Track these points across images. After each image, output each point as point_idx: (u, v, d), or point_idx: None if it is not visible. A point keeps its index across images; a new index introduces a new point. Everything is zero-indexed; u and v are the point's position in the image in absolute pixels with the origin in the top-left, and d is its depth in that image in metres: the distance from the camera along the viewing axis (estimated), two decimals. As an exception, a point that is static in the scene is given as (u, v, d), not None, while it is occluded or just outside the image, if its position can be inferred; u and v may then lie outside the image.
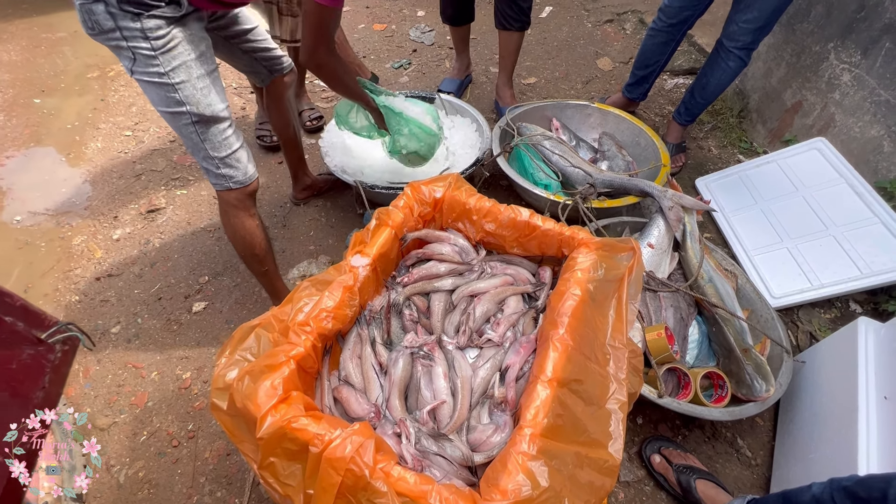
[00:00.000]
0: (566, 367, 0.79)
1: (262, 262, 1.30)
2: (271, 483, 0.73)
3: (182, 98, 1.00)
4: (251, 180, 1.18)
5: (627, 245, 0.97)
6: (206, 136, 1.06)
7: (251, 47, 1.28)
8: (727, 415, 1.13)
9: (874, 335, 1.12)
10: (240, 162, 1.14)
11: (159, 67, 0.96)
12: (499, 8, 1.92)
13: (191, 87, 1.00)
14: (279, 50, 1.37)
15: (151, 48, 0.93)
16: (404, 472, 0.68)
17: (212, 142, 1.07)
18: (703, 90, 1.85)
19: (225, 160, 1.11)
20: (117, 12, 0.89)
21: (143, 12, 0.90)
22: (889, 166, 1.56)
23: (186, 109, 1.01)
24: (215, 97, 1.05)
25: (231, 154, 1.11)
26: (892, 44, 1.53)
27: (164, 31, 0.93)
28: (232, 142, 1.11)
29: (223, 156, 1.10)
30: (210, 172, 1.13)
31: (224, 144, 1.09)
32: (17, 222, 1.84)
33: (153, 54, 0.94)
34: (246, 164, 1.16)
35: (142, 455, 1.23)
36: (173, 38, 0.95)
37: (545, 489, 0.65)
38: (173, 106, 1.01)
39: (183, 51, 0.97)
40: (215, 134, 1.07)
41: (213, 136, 1.07)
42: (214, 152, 1.09)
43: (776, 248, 1.59)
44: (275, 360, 0.78)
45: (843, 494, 0.76)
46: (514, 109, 1.92)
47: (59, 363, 0.68)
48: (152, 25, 0.91)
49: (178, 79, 0.98)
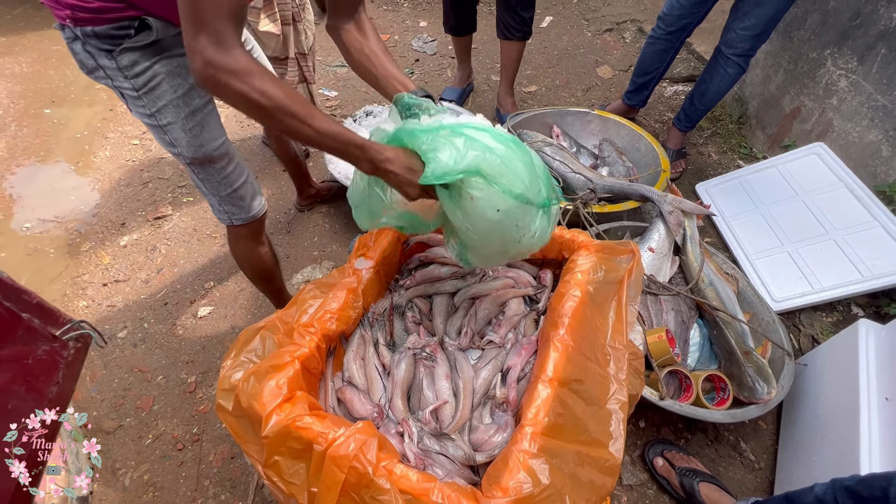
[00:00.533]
0: (567, 367, 0.80)
1: (270, 282, 1.31)
2: (276, 482, 0.73)
3: (172, 140, 0.93)
4: (255, 217, 1.11)
5: (627, 248, 0.99)
6: (203, 176, 1.00)
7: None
8: (729, 417, 1.13)
9: (875, 337, 1.13)
10: (243, 200, 1.06)
11: (146, 108, 0.88)
12: (501, 18, 1.96)
13: (179, 128, 0.91)
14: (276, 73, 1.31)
15: (133, 88, 0.85)
16: (407, 470, 0.69)
17: (210, 181, 1.01)
18: (702, 97, 1.87)
19: (226, 198, 1.04)
20: (94, 50, 0.81)
21: (114, 48, 0.80)
22: (888, 170, 1.57)
23: (178, 151, 0.95)
24: (209, 135, 0.95)
25: (232, 192, 1.04)
26: (888, 50, 1.55)
27: (141, 66, 0.83)
28: (232, 179, 1.03)
29: (224, 194, 1.03)
30: (213, 207, 1.08)
31: (223, 183, 1.02)
32: (27, 229, 1.87)
33: (137, 94, 0.86)
34: (249, 202, 1.08)
35: (147, 458, 1.24)
36: (154, 74, 0.85)
37: (546, 486, 0.66)
38: (167, 146, 0.95)
39: (168, 88, 0.87)
40: (212, 174, 1.00)
41: (210, 175, 1.00)
42: (214, 191, 1.02)
43: (777, 252, 1.59)
44: (280, 361, 0.80)
45: (846, 494, 0.77)
46: (515, 117, 1.95)
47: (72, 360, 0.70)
48: (127, 62, 0.82)
49: (164, 120, 0.90)
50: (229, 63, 0.65)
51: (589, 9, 3.22)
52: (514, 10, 1.90)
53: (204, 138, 0.94)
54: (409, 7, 3.29)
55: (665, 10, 1.83)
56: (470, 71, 2.45)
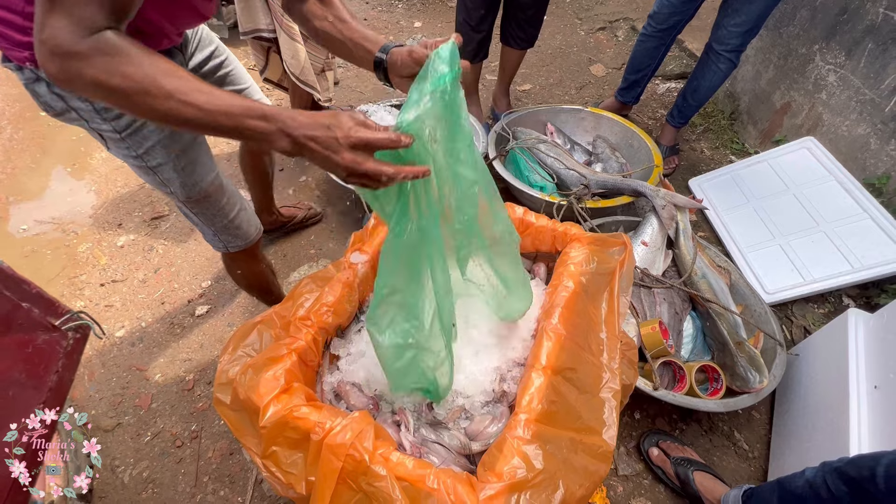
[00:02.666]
0: (560, 356, 0.82)
1: (269, 293, 1.32)
2: (274, 472, 0.74)
3: (163, 180, 0.87)
4: (251, 243, 1.08)
5: (619, 240, 1.00)
6: (198, 211, 0.96)
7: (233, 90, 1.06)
8: (722, 406, 1.15)
9: (864, 326, 1.15)
10: (239, 229, 1.04)
11: (130, 150, 0.81)
12: (508, 28, 1.95)
13: (171, 169, 0.85)
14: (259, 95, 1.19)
15: (115, 130, 0.77)
16: (403, 458, 0.70)
17: (205, 216, 0.97)
18: (694, 93, 1.90)
19: (221, 230, 1.01)
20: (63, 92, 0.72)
21: None
22: (876, 163, 1.60)
23: (171, 191, 0.90)
24: (202, 170, 0.90)
25: (228, 223, 1.01)
26: (875, 44, 1.58)
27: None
28: (227, 211, 0.99)
29: (221, 225, 1.00)
30: (207, 235, 1.05)
31: (219, 216, 0.99)
32: (24, 231, 1.87)
33: (119, 137, 0.78)
34: (245, 230, 1.05)
35: (146, 455, 1.25)
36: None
37: (540, 471, 0.67)
38: (158, 186, 0.89)
39: (153, 129, 0.80)
40: (207, 208, 0.96)
41: (205, 210, 0.96)
42: (209, 224, 0.99)
43: (769, 245, 1.61)
44: (277, 353, 0.81)
45: (835, 475, 0.78)
46: (509, 115, 1.97)
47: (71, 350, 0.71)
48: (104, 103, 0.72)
49: (154, 162, 0.83)
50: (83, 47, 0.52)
51: (582, 8, 3.25)
52: (523, 26, 1.91)
53: (198, 175, 0.89)
54: (403, 8, 3.31)
55: (656, 9, 1.85)
56: (480, 108, 2.26)
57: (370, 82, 2.66)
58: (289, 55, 1.73)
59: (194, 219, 0.99)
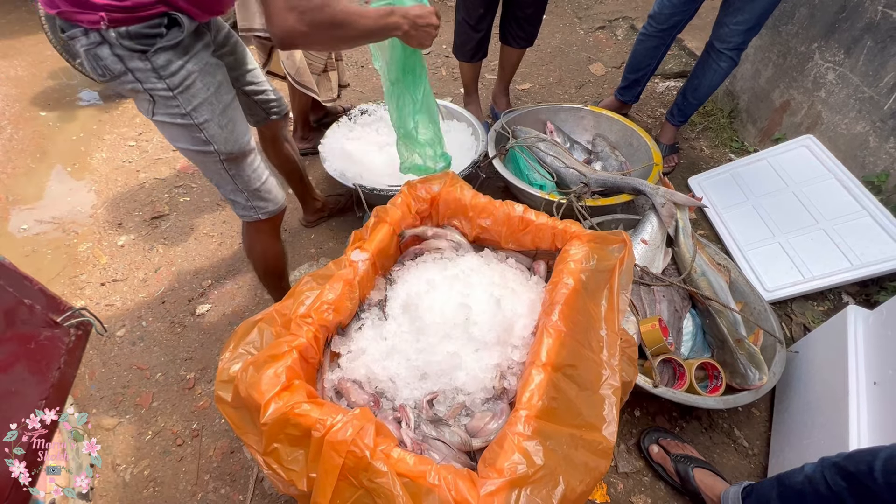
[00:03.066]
0: (560, 353, 0.82)
1: (280, 277, 1.34)
2: (275, 468, 0.75)
3: (208, 137, 0.95)
4: (281, 208, 1.15)
5: (618, 237, 1.00)
6: (235, 172, 1.03)
7: (252, 89, 1.23)
8: (722, 403, 1.15)
9: (863, 323, 1.15)
10: (270, 192, 1.11)
11: (180, 108, 0.90)
12: (507, 27, 1.96)
13: (215, 125, 0.94)
14: (275, 93, 1.32)
15: (168, 88, 0.87)
16: (404, 454, 0.70)
17: (241, 177, 1.04)
18: (695, 91, 1.91)
19: (255, 192, 1.08)
20: (124, 53, 0.82)
21: (148, 48, 0.82)
22: (875, 160, 1.60)
23: (214, 149, 0.97)
24: (240, 129, 1.00)
25: (261, 185, 1.08)
26: (874, 42, 1.58)
27: (176, 65, 0.86)
28: (260, 173, 1.08)
29: (254, 188, 1.07)
30: (238, 204, 1.09)
31: (254, 177, 1.06)
32: (24, 231, 1.88)
33: (171, 94, 0.88)
34: (276, 194, 1.13)
35: (147, 454, 1.25)
36: (189, 74, 0.88)
37: (540, 467, 0.67)
38: (199, 145, 0.96)
39: (202, 87, 0.91)
40: (244, 168, 1.04)
41: (242, 170, 1.04)
42: (244, 186, 1.06)
43: (768, 243, 1.62)
44: (278, 351, 0.81)
45: (833, 470, 0.79)
46: (509, 114, 1.97)
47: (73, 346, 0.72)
48: (162, 62, 0.85)
49: (201, 118, 0.92)
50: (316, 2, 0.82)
51: (581, 7, 3.25)
52: (522, 24, 1.91)
53: (238, 133, 0.99)
54: (402, 7, 3.30)
55: (656, 9, 1.85)
56: (479, 106, 2.25)
57: (370, 82, 2.67)
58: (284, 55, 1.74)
59: (229, 184, 1.05)
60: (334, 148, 1.84)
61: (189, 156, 1.01)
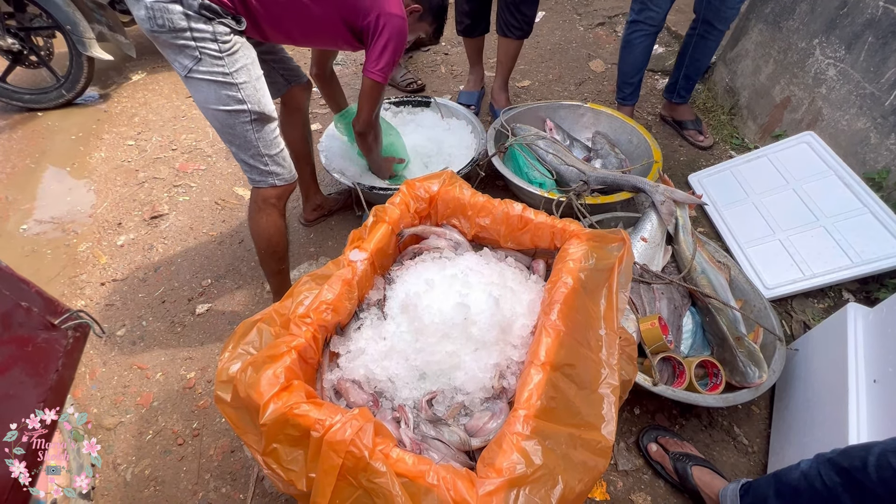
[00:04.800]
0: (559, 352, 0.82)
1: (280, 260, 1.36)
2: (275, 469, 0.75)
3: (244, 97, 1.08)
4: (294, 178, 1.26)
5: (618, 236, 1.00)
6: (260, 134, 1.14)
7: (272, 58, 1.36)
8: (721, 401, 1.15)
9: (863, 320, 1.15)
10: (286, 160, 1.22)
11: (224, 68, 1.05)
12: (502, 16, 1.96)
13: (251, 87, 1.09)
14: (293, 62, 1.45)
15: (219, 50, 1.03)
16: (403, 454, 0.70)
17: (265, 139, 1.15)
18: (697, 69, 2.03)
19: (274, 157, 1.19)
20: (193, 14, 0.99)
21: (214, 17, 1.01)
22: (876, 157, 1.59)
23: (247, 108, 1.10)
24: (267, 98, 1.14)
25: (280, 152, 1.20)
26: (875, 38, 1.57)
27: (229, 36, 1.05)
28: (279, 141, 1.19)
29: (274, 153, 1.18)
30: (255, 170, 1.19)
31: (275, 142, 1.18)
32: (24, 231, 1.88)
33: (220, 55, 1.04)
34: (290, 164, 1.24)
35: (148, 453, 1.25)
36: (236, 43, 1.06)
37: (539, 467, 0.68)
38: (233, 104, 1.08)
39: (244, 55, 1.08)
40: (268, 132, 1.16)
41: (266, 133, 1.15)
42: (266, 149, 1.16)
43: (768, 241, 1.61)
44: (277, 351, 0.81)
45: (828, 466, 0.79)
46: (508, 111, 1.96)
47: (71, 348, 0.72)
48: (222, 30, 1.03)
49: (241, 79, 1.07)
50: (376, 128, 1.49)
51: (581, 3, 3.23)
52: (517, 8, 1.91)
53: (267, 99, 1.14)
54: (401, 4, 3.29)
55: (654, 9, 1.83)
56: (482, 74, 2.41)
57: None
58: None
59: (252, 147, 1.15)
60: (333, 147, 1.84)
61: (220, 117, 1.11)
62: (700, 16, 1.89)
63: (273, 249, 1.32)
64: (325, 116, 2.42)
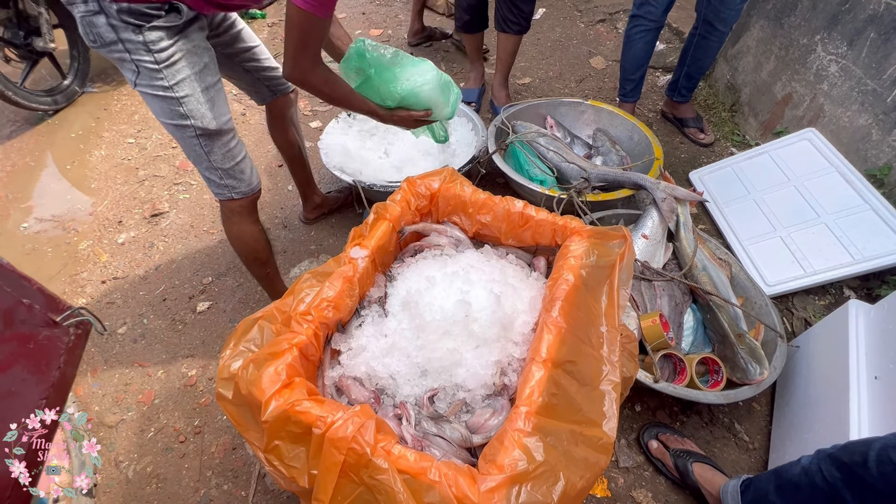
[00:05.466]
0: (560, 349, 0.82)
1: (264, 265, 1.34)
2: (276, 466, 0.75)
3: (186, 112, 1.00)
4: (254, 190, 1.19)
5: (619, 233, 1.00)
6: (210, 149, 1.07)
7: (253, 66, 1.28)
8: (722, 398, 1.15)
9: (864, 317, 1.15)
10: (243, 173, 1.15)
11: (163, 81, 0.95)
12: (500, 11, 1.97)
13: (195, 100, 1.00)
14: (278, 71, 1.34)
15: (155, 61, 0.93)
16: (405, 451, 0.70)
17: (216, 154, 1.08)
18: (699, 69, 2.02)
19: (228, 171, 1.12)
20: (119, 24, 0.87)
21: (144, 24, 0.88)
22: (878, 154, 1.59)
23: (191, 123, 1.01)
24: (219, 110, 1.05)
25: (234, 165, 1.12)
26: (877, 34, 1.56)
27: (166, 43, 0.92)
28: (235, 153, 1.12)
29: (227, 167, 1.11)
30: (212, 182, 1.13)
31: (228, 156, 1.10)
32: (24, 229, 1.88)
33: (157, 68, 0.93)
34: (249, 175, 1.16)
35: (149, 451, 1.26)
36: (176, 51, 0.94)
37: (540, 463, 0.68)
38: (177, 119, 1.01)
39: (186, 64, 0.97)
40: (219, 146, 1.08)
41: (217, 148, 1.07)
42: (219, 164, 1.09)
43: (769, 237, 1.61)
44: (278, 348, 0.81)
45: (828, 462, 0.79)
46: (509, 108, 1.96)
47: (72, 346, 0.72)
48: (154, 38, 0.91)
49: (182, 93, 0.97)
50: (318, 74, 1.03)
51: (581, 0, 3.22)
52: (514, 3, 1.91)
53: (216, 111, 1.04)
54: (402, 2, 3.28)
55: (653, 3, 1.83)
56: (482, 71, 2.41)
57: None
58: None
59: (205, 161, 1.08)
60: (333, 143, 1.83)
61: (169, 130, 1.05)
62: (701, 16, 1.89)
63: (253, 256, 1.29)
64: (325, 114, 2.42)
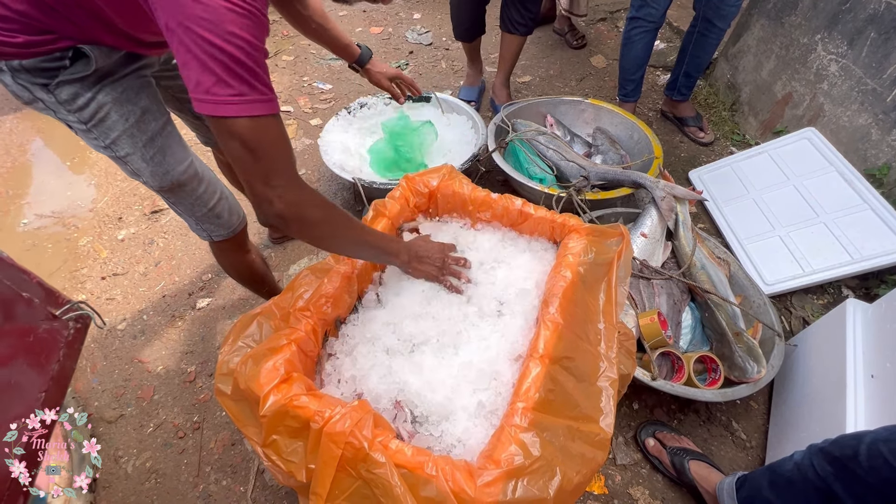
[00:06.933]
0: (557, 345, 0.82)
1: (261, 284, 1.28)
2: (274, 460, 0.75)
3: (134, 170, 0.88)
4: (235, 232, 1.07)
5: (617, 231, 1.00)
6: (174, 201, 0.96)
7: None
8: (720, 396, 1.15)
9: (862, 316, 1.15)
10: (220, 217, 1.02)
11: (99, 140, 0.83)
12: (506, 12, 1.96)
13: (139, 158, 0.86)
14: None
15: (80, 121, 0.79)
16: (402, 445, 0.71)
17: (183, 205, 0.97)
18: (698, 67, 2.01)
19: (202, 218, 1.00)
20: (27, 84, 0.73)
21: (49, 81, 0.73)
22: (877, 153, 1.59)
23: (143, 180, 0.90)
24: (172, 159, 0.89)
25: (208, 212, 0.99)
26: (877, 34, 1.56)
27: (84, 99, 0.77)
28: (206, 199, 0.98)
29: (199, 215, 0.99)
30: (191, 225, 1.03)
31: (197, 204, 0.97)
32: (24, 225, 1.88)
33: (86, 128, 0.81)
34: (227, 218, 1.03)
35: (149, 446, 1.26)
36: (100, 105, 0.79)
37: (537, 458, 0.68)
38: (132, 176, 0.90)
39: (118, 118, 0.81)
40: (184, 197, 0.95)
41: (182, 199, 0.95)
42: (189, 213, 0.99)
43: (768, 237, 1.61)
44: (276, 344, 0.82)
45: (820, 456, 0.80)
46: (509, 106, 1.96)
47: (72, 339, 0.72)
48: (67, 96, 0.76)
49: (122, 151, 0.84)
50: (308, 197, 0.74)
51: None
52: (522, 4, 1.91)
53: (168, 164, 0.89)
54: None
55: (653, 5, 1.82)
56: (481, 69, 2.42)
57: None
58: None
59: (175, 209, 1.00)
60: (333, 141, 1.83)
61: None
62: (699, 13, 1.89)
63: (248, 281, 1.25)
64: (325, 112, 2.42)
